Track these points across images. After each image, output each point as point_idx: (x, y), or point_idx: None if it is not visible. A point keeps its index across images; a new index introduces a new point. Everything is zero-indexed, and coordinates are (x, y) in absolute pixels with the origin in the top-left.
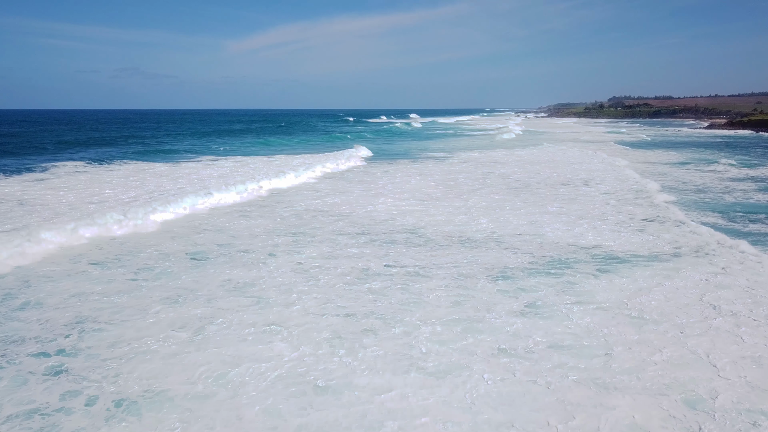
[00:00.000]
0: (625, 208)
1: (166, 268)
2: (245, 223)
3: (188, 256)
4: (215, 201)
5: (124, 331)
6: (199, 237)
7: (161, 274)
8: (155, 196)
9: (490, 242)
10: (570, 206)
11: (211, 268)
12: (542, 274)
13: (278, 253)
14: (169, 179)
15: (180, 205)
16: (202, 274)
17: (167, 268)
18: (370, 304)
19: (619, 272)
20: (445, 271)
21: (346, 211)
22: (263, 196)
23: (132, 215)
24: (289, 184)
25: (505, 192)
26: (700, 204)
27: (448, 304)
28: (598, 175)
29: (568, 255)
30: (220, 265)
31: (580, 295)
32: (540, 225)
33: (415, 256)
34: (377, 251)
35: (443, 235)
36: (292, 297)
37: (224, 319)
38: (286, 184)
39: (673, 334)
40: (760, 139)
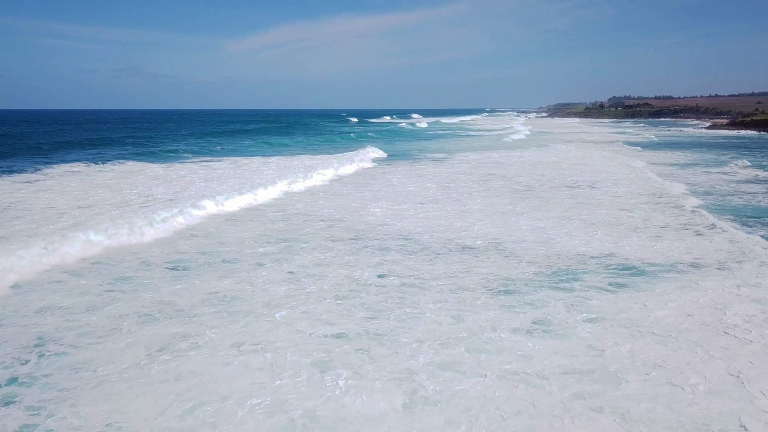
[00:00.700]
0: (653, 215)
1: (146, 280)
2: (238, 233)
3: (170, 265)
4: (207, 213)
5: (92, 354)
6: (183, 244)
7: (139, 286)
8: (146, 201)
9: (490, 250)
10: (582, 210)
11: (195, 279)
12: (549, 287)
13: (267, 263)
14: (162, 182)
15: (170, 217)
16: (185, 285)
17: (147, 280)
18: (364, 321)
19: (636, 285)
20: (442, 282)
21: (361, 217)
22: (263, 203)
23: (110, 232)
24: (300, 188)
25: (517, 195)
26: (728, 208)
27: (448, 321)
28: (616, 177)
29: (577, 265)
30: (203, 276)
31: (593, 311)
32: (546, 231)
33: (417, 266)
34: (393, 258)
35: (449, 241)
36: (280, 313)
37: (205, 340)
38: (299, 187)
39: (704, 356)
40: (762, 139)
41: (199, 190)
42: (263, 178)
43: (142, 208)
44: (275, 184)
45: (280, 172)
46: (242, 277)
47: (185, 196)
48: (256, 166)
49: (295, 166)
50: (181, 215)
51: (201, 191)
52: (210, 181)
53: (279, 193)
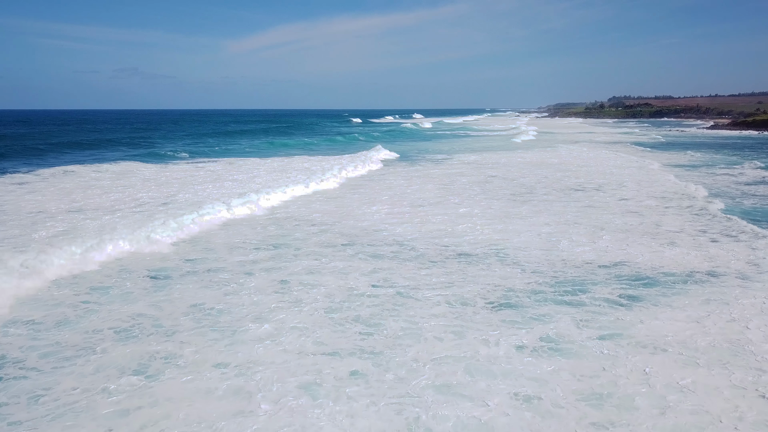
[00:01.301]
0: (665, 218)
1: (124, 290)
2: (230, 238)
3: (151, 273)
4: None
5: (56, 378)
6: (168, 255)
7: (116, 297)
8: (138, 205)
9: (490, 257)
10: (590, 214)
11: (178, 289)
12: (555, 299)
13: (256, 271)
14: (156, 184)
15: (162, 228)
16: (166, 297)
17: (125, 290)
18: (358, 338)
19: (650, 298)
20: (439, 292)
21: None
22: (265, 209)
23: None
24: (309, 191)
25: (526, 197)
26: (745, 211)
27: (447, 338)
28: (627, 178)
29: (585, 275)
30: (188, 286)
31: (606, 327)
32: (551, 236)
33: (424, 276)
34: (409, 268)
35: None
36: (267, 329)
37: (186, 360)
38: (306, 191)
39: (732, 379)
40: (766, 139)
41: (197, 193)
42: (266, 182)
43: (134, 212)
44: (281, 188)
45: (286, 175)
46: (229, 289)
47: (179, 199)
48: (259, 168)
49: (305, 168)
50: (174, 228)
51: (200, 194)
52: (207, 183)
53: (288, 197)
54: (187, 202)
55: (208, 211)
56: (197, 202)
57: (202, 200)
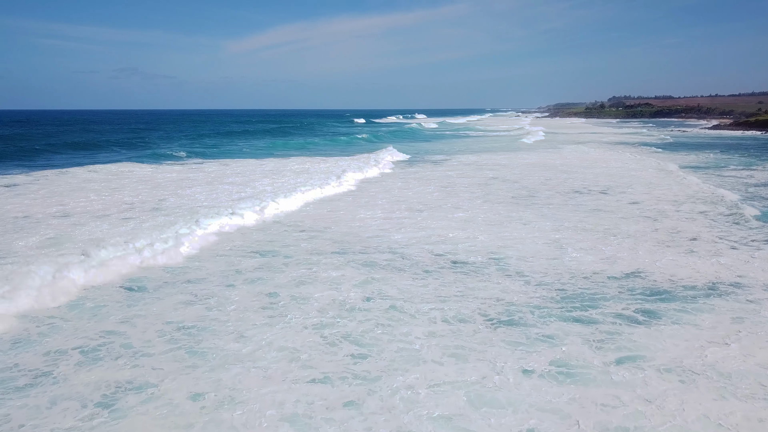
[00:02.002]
0: (681, 224)
1: (93, 303)
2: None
3: (125, 284)
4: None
5: (5, 412)
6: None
7: (85, 312)
8: (129, 208)
9: (489, 266)
10: (600, 219)
11: (154, 303)
12: (564, 316)
13: (240, 283)
14: (150, 186)
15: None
16: (140, 311)
17: (94, 303)
18: (350, 361)
19: (671, 314)
20: (436, 307)
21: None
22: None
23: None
24: (317, 196)
25: (538, 201)
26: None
27: (445, 360)
28: (647, 180)
29: (596, 287)
30: (165, 300)
31: (625, 349)
32: (559, 243)
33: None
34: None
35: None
36: (250, 351)
37: (160, 389)
38: (316, 196)
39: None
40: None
41: (190, 197)
42: (268, 185)
43: (122, 219)
44: (291, 192)
45: (291, 177)
46: (212, 303)
47: (170, 204)
48: (258, 170)
49: (314, 171)
50: (170, 243)
51: (197, 197)
52: (202, 185)
53: (300, 202)
54: (178, 209)
55: (200, 224)
56: (190, 209)
57: (194, 205)
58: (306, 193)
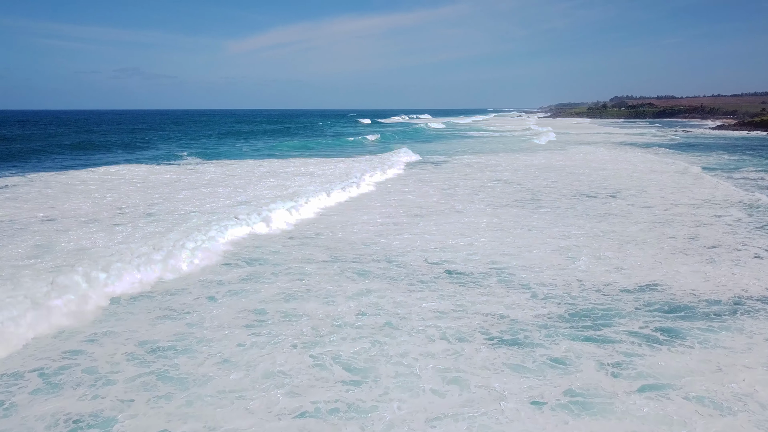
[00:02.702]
0: (699, 230)
1: None
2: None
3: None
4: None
5: None
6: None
7: None
8: (118, 212)
9: (487, 274)
10: (612, 225)
11: (125, 318)
12: (574, 335)
13: (221, 297)
14: (144, 189)
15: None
16: (109, 328)
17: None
18: (342, 388)
19: (694, 333)
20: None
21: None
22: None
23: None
24: (332, 201)
25: (545, 204)
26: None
27: (445, 389)
28: (666, 183)
29: (608, 302)
30: (138, 316)
31: (646, 376)
32: (568, 252)
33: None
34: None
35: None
36: (234, 378)
37: (124, 426)
38: (330, 201)
39: None
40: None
41: (188, 199)
42: (272, 189)
43: (112, 225)
44: (303, 197)
45: (306, 180)
46: (192, 319)
47: (161, 209)
48: (260, 170)
49: (331, 173)
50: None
51: (193, 201)
52: (200, 187)
53: (315, 208)
54: (170, 215)
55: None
56: (184, 215)
57: (189, 210)
58: (331, 195)
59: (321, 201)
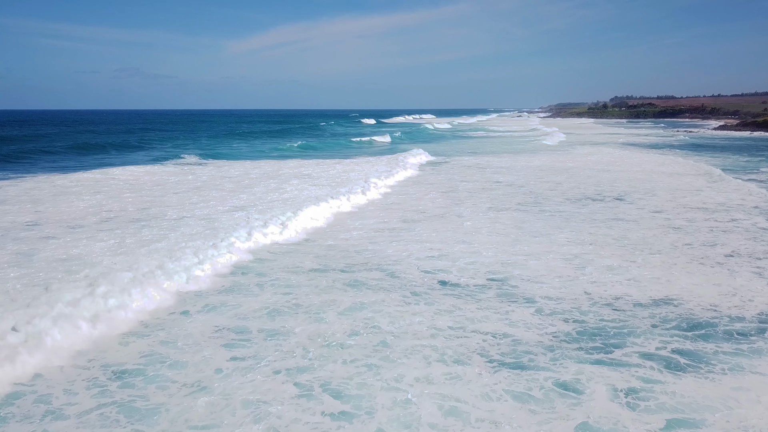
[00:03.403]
0: (718, 235)
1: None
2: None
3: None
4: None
5: None
6: None
7: None
8: (104, 221)
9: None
10: (625, 230)
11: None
12: (583, 358)
13: (197, 312)
14: (135, 190)
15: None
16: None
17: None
18: (329, 423)
19: (718, 357)
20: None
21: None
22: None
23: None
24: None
25: (548, 207)
26: None
27: (445, 425)
28: (676, 186)
29: (620, 318)
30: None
31: (668, 409)
32: (576, 260)
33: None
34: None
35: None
36: (206, 410)
37: None
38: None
39: None
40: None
41: (180, 202)
42: (282, 193)
43: (98, 230)
44: (315, 203)
45: (310, 184)
46: (161, 337)
47: (152, 214)
48: (257, 172)
49: (344, 178)
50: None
51: (188, 206)
52: (191, 190)
53: (327, 215)
54: (160, 220)
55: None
56: (173, 224)
57: (181, 216)
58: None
59: (347, 202)
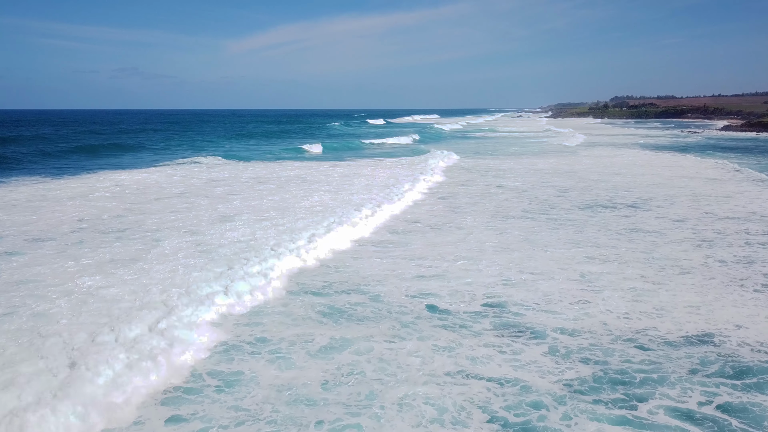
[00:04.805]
0: (760, 252)
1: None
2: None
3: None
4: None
5: None
6: None
7: None
8: (75, 231)
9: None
10: (648, 245)
11: None
12: (607, 418)
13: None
14: (120, 196)
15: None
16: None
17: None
18: None
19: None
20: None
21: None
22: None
23: None
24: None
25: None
26: None
27: None
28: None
29: (649, 359)
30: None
31: None
32: (593, 282)
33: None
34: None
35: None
36: None
37: None
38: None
39: None
40: None
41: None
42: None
43: (67, 244)
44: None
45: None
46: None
47: (131, 235)
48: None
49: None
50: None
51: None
52: (190, 196)
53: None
54: (140, 231)
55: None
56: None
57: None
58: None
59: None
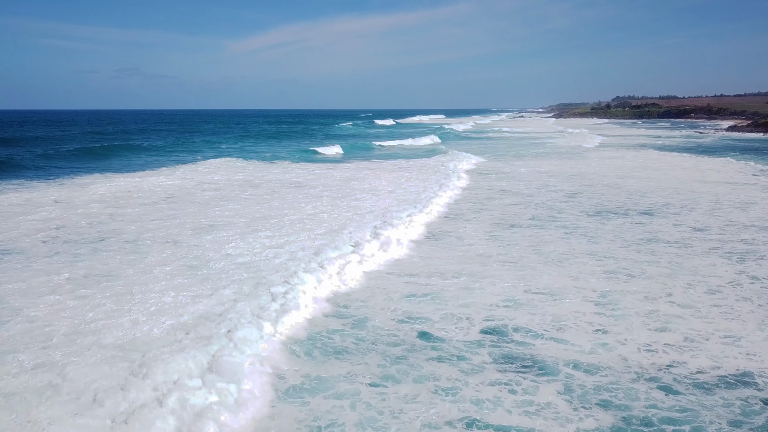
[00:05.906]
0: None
1: None
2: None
3: None
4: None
5: None
6: None
7: None
8: (51, 240)
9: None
10: (677, 259)
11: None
12: None
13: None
14: (107, 206)
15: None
16: None
17: None
18: None
19: None
20: None
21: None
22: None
23: None
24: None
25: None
26: None
27: None
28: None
29: (680, 404)
30: None
31: None
32: (614, 308)
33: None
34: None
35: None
36: None
37: None
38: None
39: None
40: None
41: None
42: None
43: (36, 256)
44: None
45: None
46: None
47: (111, 246)
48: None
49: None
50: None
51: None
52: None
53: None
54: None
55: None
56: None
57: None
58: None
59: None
